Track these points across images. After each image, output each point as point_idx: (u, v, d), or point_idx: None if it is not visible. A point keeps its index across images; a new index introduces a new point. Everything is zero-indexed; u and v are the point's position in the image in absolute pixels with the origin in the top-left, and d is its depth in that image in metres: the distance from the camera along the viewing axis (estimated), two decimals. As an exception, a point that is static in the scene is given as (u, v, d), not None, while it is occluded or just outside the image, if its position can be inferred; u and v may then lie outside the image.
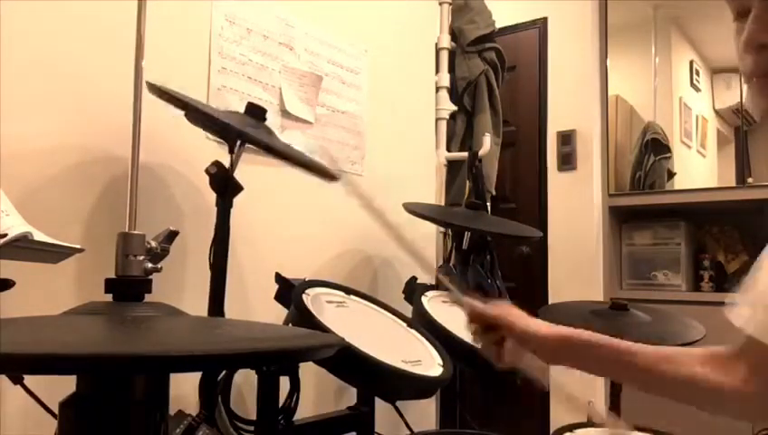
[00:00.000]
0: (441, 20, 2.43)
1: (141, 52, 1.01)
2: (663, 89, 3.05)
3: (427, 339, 1.32)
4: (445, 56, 2.41)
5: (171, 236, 0.93)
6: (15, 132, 1.07)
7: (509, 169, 2.96)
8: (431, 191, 2.12)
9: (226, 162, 1.16)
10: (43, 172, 1.11)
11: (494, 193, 2.51)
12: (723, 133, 3.06)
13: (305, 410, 1.33)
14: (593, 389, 2.58)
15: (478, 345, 0.92)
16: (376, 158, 1.82)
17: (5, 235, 0.79)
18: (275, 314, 1.32)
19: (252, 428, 1.26)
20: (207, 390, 1.16)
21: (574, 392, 1.00)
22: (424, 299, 1.49)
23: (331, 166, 1.48)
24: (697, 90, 3.06)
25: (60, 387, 0.72)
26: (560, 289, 2.81)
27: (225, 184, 1.15)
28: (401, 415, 1.43)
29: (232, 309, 1.20)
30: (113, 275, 0.91)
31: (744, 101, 2.84)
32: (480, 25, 2.54)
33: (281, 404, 1.17)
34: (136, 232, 0.89)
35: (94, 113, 1.18)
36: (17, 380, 0.85)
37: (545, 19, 2.97)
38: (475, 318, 0.90)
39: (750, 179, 2.74)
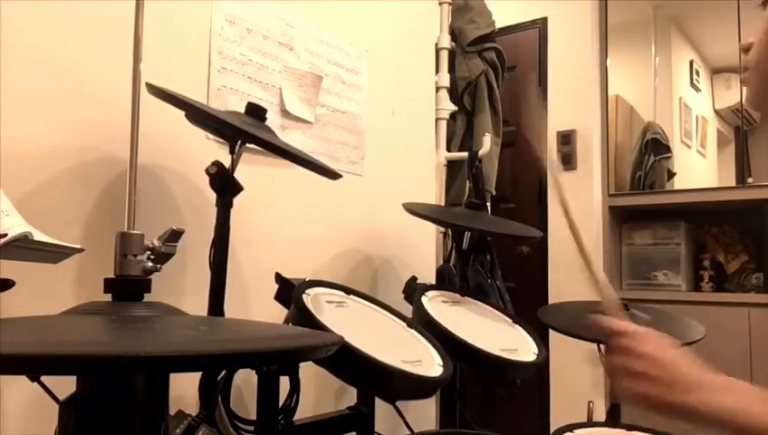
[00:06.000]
0: (441, 20, 2.43)
1: (139, 51, 1.01)
2: (663, 89, 3.05)
3: (427, 339, 1.32)
4: (445, 56, 2.41)
5: (175, 235, 0.93)
6: (15, 133, 1.07)
7: (509, 169, 2.96)
8: (431, 191, 2.12)
9: (226, 162, 1.16)
10: (43, 173, 1.11)
11: (494, 193, 2.51)
12: (723, 133, 3.06)
13: (305, 410, 1.33)
14: (593, 389, 2.58)
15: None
16: (376, 158, 1.82)
17: (5, 235, 0.79)
18: (275, 313, 1.32)
19: (252, 428, 1.26)
20: (207, 390, 1.16)
21: (574, 392, 1.00)
22: (424, 299, 1.49)
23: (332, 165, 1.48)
24: (697, 90, 3.06)
25: (60, 387, 0.72)
26: (560, 289, 2.82)
27: (225, 184, 1.15)
28: (401, 415, 1.43)
29: (232, 309, 1.20)
30: (113, 275, 0.91)
31: (743, 102, 2.84)
32: (480, 25, 2.54)
33: (281, 404, 1.17)
34: (134, 232, 0.89)
35: (94, 113, 1.18)
36: (34, 377, 0.84)
37: (545, 19, 2.98)
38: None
39: (750, 179, 2.74)
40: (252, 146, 1.23)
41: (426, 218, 1.82)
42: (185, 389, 1.21)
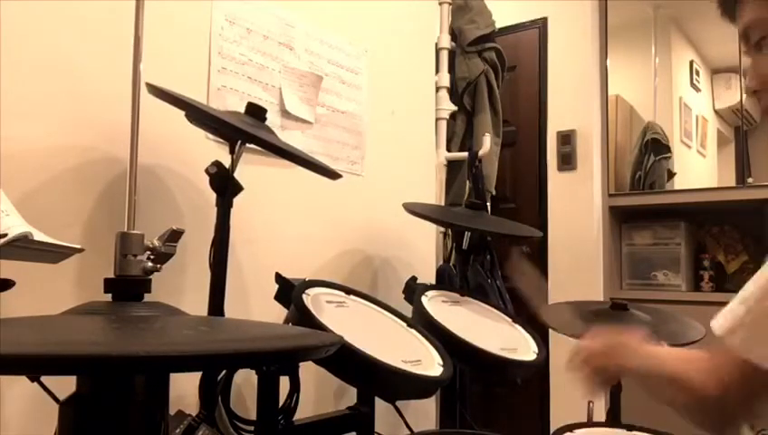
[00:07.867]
0: (441, 20, 2.43)
1: (139, 51, 1.01)
2: (663, 89, 3.05)
3: (427, 339, 1.32)
4: (445, 56, 2.41)
5: (175, 235, 0.93)
6: (15, 133, 1.07)
7: (509, 169, 2.96)
8: (431, 191, 2.12)
9: (226, 162, 1.16)
10: (43, 172, 1.11)
11: (494, 193, 2.51)
12: (723, 133, 3.06)
13: (305, 410, 1.33)
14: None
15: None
16: (376, 158, 1.82)
17: (5, 235, 0.79)
18: (275, 314, 1.32)
19: (252, 428, 1.26)
20: (207, 390, 1.16)
21: (574, 393, 1.00)
22: (424, 299, 1.49)
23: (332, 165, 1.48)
24: (697, 90, 3.06)
25: (60, 387, 0.72)
26: (560, 289, 2.81)
27: (225, 184, 1.15)
28: (401, 415, 1.43)
29: (232, 309, 1.20)
30: (113, 275, 0.91)
31: (743, 102, 2.84)
32: (480, 25, 2.54)
33: (281, 404, 1.17)
34: (134, 232, 0.89)
35: (94, 113, 1.18)
36: (34, 377, 0.84)
37: (545, 19, 2.97)
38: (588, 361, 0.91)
39: (750, 179, 2.74)
40: (252, 146, 1.23)
41: (426, 218, 1.83)
42: (185, 389, 1.21)
